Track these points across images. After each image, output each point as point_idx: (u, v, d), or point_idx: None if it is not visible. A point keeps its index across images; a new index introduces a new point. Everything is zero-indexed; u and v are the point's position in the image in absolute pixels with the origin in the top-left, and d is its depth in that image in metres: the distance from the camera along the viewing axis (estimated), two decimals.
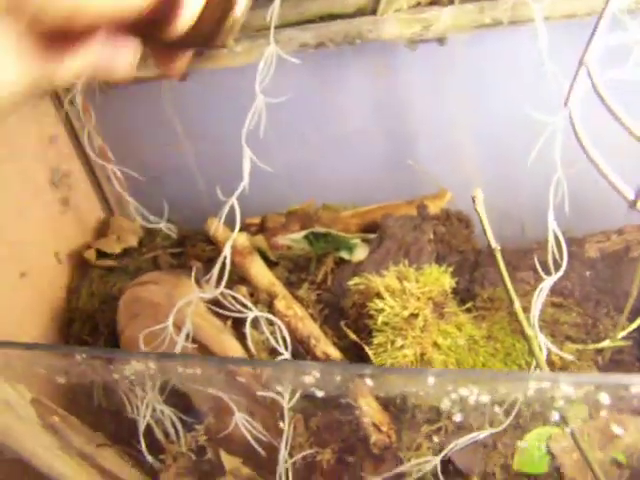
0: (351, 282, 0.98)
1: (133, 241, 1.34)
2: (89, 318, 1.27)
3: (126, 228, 1.36)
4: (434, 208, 1.17)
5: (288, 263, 1.16)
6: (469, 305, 0.99)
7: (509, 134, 1.13)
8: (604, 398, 0.62)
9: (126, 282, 1.29)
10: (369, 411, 0.89)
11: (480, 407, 0.63)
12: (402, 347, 0.90)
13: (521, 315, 0.80)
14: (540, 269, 0.92)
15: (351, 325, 0.98)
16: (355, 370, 0.63)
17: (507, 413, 0.84)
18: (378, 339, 0.91)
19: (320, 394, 0.64)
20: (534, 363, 0.90)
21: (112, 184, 1.27)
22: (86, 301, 1.29)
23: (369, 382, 0.60)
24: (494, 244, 0.80)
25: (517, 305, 0.80)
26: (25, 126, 1.26)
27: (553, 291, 1.05)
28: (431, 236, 1.11)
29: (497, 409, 0.69)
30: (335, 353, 0.96)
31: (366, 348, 0.92)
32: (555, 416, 0.72)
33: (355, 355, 0.97)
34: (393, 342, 0.91)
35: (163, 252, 1.30)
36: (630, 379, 0.60)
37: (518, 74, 1.06)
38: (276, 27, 1.09)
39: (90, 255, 1.31)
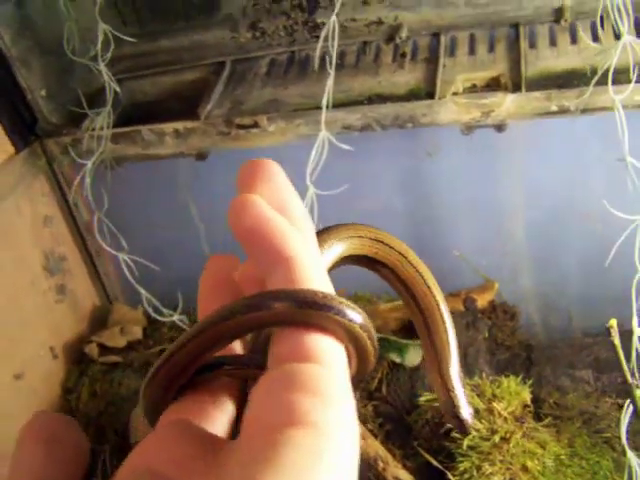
0: (422, 398, 0.88)
1: (138, 333, 1.20)
2: (92, 421, 1.12)
3: (130, 318, 1.22)
4: (481, 301, 1.09)
5: None
6: (547, 421, 0.90)
7: (563, 225, 1.06)
8: None
9: (133, 380, 1.16)
10: None
11: None
12: (491, 474, 0.80)
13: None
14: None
15: (423, 444, 0.88)
16: None
17: None
18: (463, 465, 0.81)
19: None
20: None
21: (121, 272, 1.13)
22: (88, 401, 1.15)
23: None
24: (631, 380, 0.72)
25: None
26: (18, 206, 1.12)
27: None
28: (486, 334, 1.03)
29: None
30: (409, 478, 0.85)
31: (449, 475, 0.82)
32: None
33: (429, 479, 0.87)
34: (479, 468, 0.81)
35: None
36: None
37: (583, 164, 1.00)
38: (317, 107, 1.00)
39: (92, 350, 1.17)
